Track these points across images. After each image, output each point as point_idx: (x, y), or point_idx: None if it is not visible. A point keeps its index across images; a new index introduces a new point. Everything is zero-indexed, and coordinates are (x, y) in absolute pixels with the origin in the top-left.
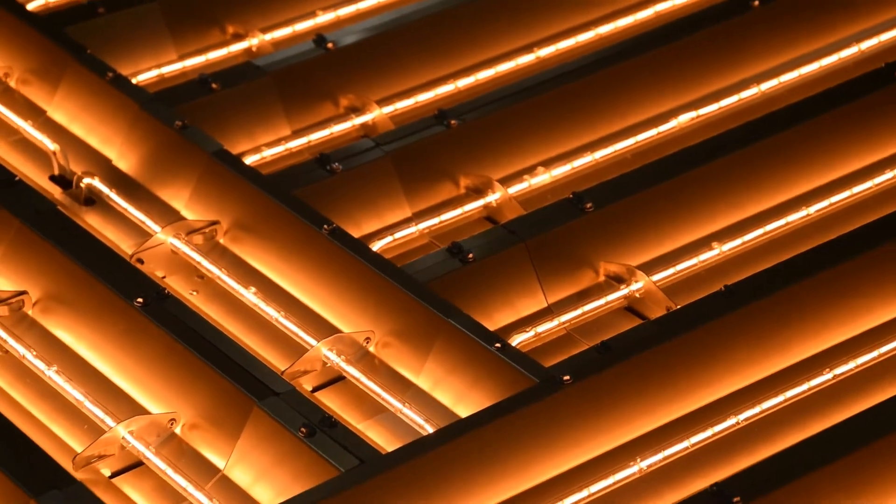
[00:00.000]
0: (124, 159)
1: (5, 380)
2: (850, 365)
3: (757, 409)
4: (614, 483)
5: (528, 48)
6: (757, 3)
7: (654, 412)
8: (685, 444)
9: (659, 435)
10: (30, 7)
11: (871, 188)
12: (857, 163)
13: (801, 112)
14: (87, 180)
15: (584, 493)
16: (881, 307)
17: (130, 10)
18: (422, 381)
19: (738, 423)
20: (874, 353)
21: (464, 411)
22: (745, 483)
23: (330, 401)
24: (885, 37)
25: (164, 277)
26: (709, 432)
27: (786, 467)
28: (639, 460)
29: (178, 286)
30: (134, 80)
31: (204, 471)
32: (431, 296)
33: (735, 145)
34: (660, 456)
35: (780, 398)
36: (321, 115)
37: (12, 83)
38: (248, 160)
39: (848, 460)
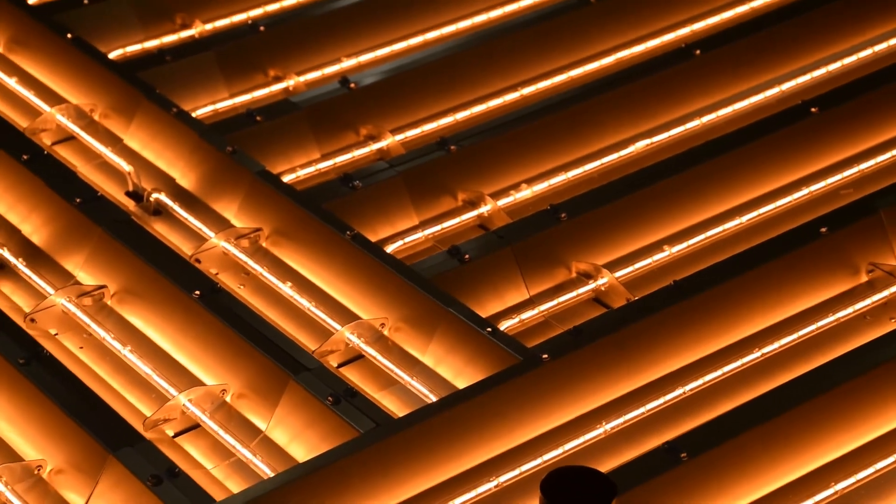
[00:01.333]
0: (185, 178)
1: (89, 357)
2: (775, 345)
3: (700, 382)
4: (584, 442)
5: (513, 87)
6: (698, 52)
7: (617, 384)
8: (642, 409)
9: (621, 403)
10: (111, 56)
11: (791, 202)
12: (780, 181)
13: (735, 140)
14: (155, 195)
15: (559, 450)
16: (799, 299)
17: (191, 58)
18: (427, 359)
19: (684, 392)
20: (794, 336)
21: (461, 384)
22: (691, 441)
23: (352, 375)
24: (801, 79)
25: (216, 274)
26: (661, 400)
27: (724, 428)
28: (604, 423)
29: (228, 281)
30: (193, 114)
31: (249, 432)
32: (435, 289)
33: (681, 166)
34: (621, 420)
35: (719, 372)
36: (345, 141)
37: (96, 117)
38: (286, 178)
39: (774, 422)
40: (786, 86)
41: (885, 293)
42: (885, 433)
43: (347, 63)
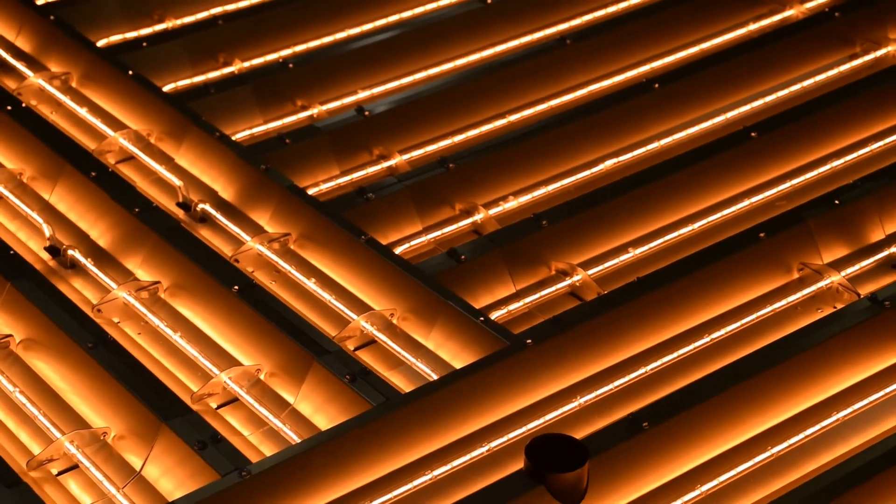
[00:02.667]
0: (226, 191)
1: (146, 342)
2: (722, 332)
3: (659, 363)
4: (561, 414)
5: (501, 115)
6: (657, 85)
7: (590, 365)
8: (610, 386)
9: (592, 381)
10: (165, 88)
11: (734, 211)
12: (725, 193)
13: (688, 159)
14: (201, 206)
15: (541, 420)
16: (742, 293)
17: (231, 90)
18: (429, 344)
19: (646, 371)
20: (737, 324)
21: (458, 364)
22: (652, 413)
23: (366, 357)
24: (743, 109)
25: (252, 272)
26: (626, 378)
27: (680, 402)
28: (579, 398)
29: (262, 278)
30: (233, 138)
31: (279, 405)
32: (436, 285)
33: (643, 181)
34: (592, 395)
35: (675, 355)
36: (360, 160)
37: (152, 140)
38: (310, 191)
39: (722, 396)
40: (730, 114)
41: (813, 288)
42: (814, 405)
43: (362, 94)
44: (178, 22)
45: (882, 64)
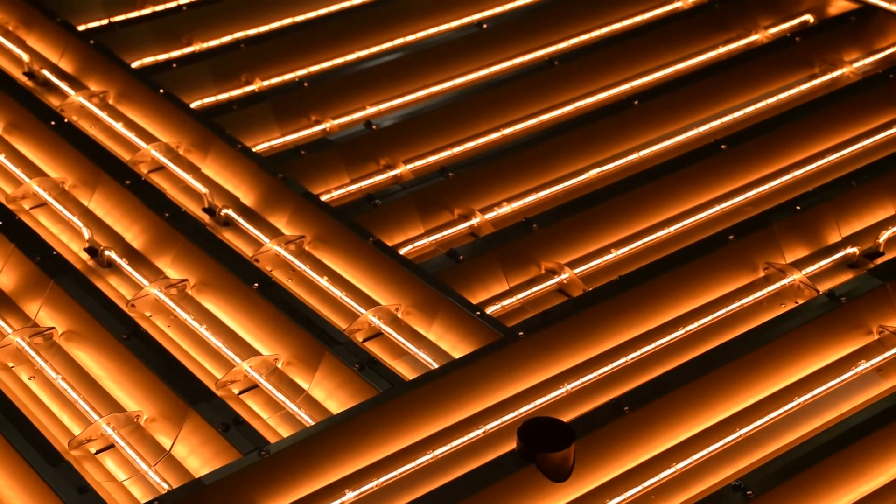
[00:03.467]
0: (247, 198)
1: (174, 333)
2: (695, 325)
3: (638, 353)
4: (550, 400)
5: (496, 129)
6: (637, 102)
7: (576, 355)
8: (594, 374)
9: (578, 370)
10: (192, 105)
11: (706, 216)
12: (698, 200)
13: (665, 169)
14: (224, 211)
15: (532, 405)
16: (713, 289)
17: (252, 106)
18: (430, 336)
19: (626, 360)
20: (709, 318)
21: (457, 354)
22: (632, 398)
23: (373, 347)
24: (714, 123)
25: (271, 271)
26: (609, 367)
27: (657, 388)
28: (566, 384)
29: (280, 276)
30: (254, 149)
31: (295, 391)
32: (437, 282)
33: (625, 188)
34: (578, 382)
35: (653, 345)
36: (368, 170)
37: (181, 152)
38: (323, 198)
39: (695, 383)
40: (702, 128)
41: (777, 285)
42: (777, 391)
43: (370, 110)
44: (205, 45)
45: (837, 84)
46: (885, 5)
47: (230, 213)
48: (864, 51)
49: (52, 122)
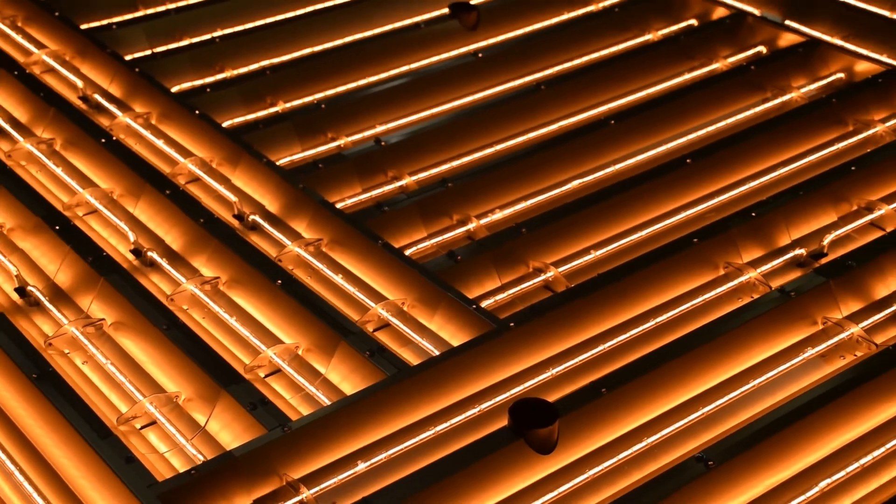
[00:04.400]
0: (271, 205)
1: (208, 324)
2: (664, 317)
3: (615, 341)
4: (537, 382)
5: (490, 145)
6: (613, 122)
7: (560, 343)
8: (576, 360)
9: (562, 356)
10: (224, 124)
11: (674, 221)
12: (667, 207)
13: (638, 180)
14: (252, 217)
15: (521, 387)
16: (679, 286)
17: (276, 126)
18: (432, 326)
19: (604, 348)
20: (676, 311)
21: (455, 343)
22: (609, 381)
23: (382, 336)
24: (680, 140)
25: (292, 269)
26: (589, 354)
27: (631, 372)
28: (551, 369)
29: (300, 274)
30: (277, 163)
31: (313, 375)
32: (438, 280)
33: (603, 197)
34: (561, 368)
35: (628, 335)
36: (378, 181)
37: (214, 165)
38: (338, 205)
39: (665, 367)
40: (670, 144)
41: (735, 282)
42: (736, 374)
43: (380, 129)
44: (234, 72)
45: (787, 107)
46: (828, 39)
47: (257, 218)
48: (809, 78)
49: (103, 140)
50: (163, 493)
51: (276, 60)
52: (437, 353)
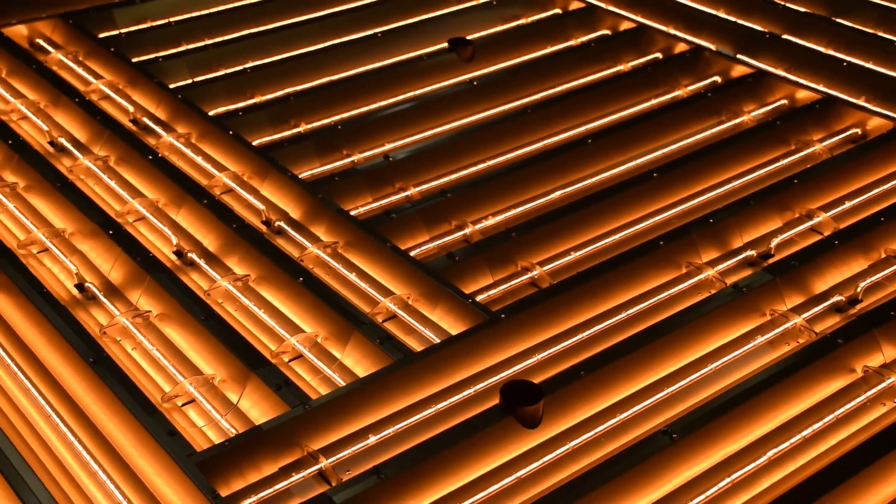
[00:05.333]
0: (294, 213)
1: (240, 315)
2: (634, 309)
3: (592, 330)
4: (525, 367)
5: (483, 160)
6: (590, 140)
7: (545, 332)
8: (557, 347)
9: (546, 344)
10: (254, 143)
11: (643, 226)
12: (637, 214)
13: (612, 191)
14: (277, 223)
15: (510, 370)
16: (646, 283)
17: (299, 144)
18: (433, 318)
19: (582, 337)
20: (644, 304)
21: (454, 332)
22: (586, 365)
23: (390, 326)
24: (648, 157)
25: (312, 268)
26: (570, 341)
27: (606, 357)
28: (537, 355)
29: (319, 273)
30: (300, 176)
31: (330, 360)
32: (439, 277)
33: (582, 206)
34: (545, 353)
35: (603, 325)
36: (386, 192)
37: (245, 178)
38: (352, 213)
39: (637, 353)
40: (639, 161)
41: (695, 279)
42: (697, 358)
43: (388, 146)
44: (263, 98)
45: (739, 128)
46: (773, 70)
47: (282, 224)
48: (757, 104)
49: (150, 157)
50: (200, 461)
51: (298, 88)
52: (437, 340)
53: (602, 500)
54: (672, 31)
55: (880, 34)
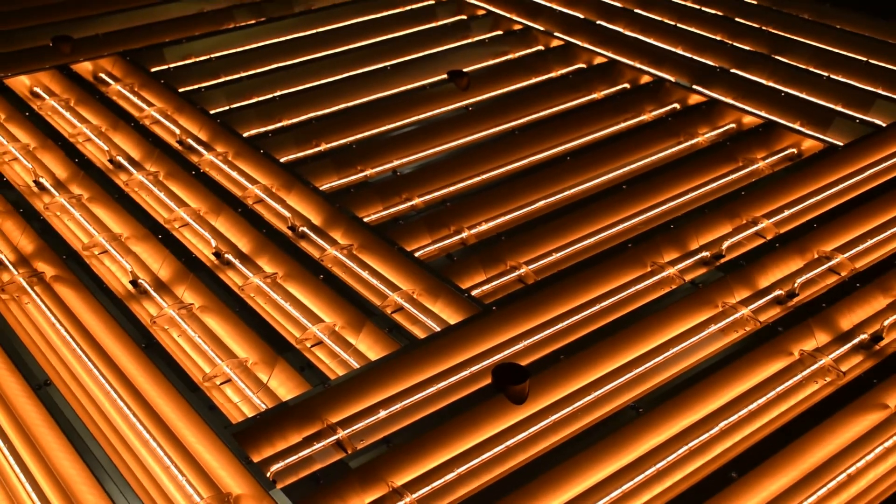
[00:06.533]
0: (316, 220)
1: (269, 307)
2: (607, 302)
3: (571, 320)
4: (512, 351)
5: (477, 174)
6: (569, 158)
7: (530, 322)
8: (541, 335)
9: (531, 332)
10: (282, 160)
11: (615, 231)
12: (608, 221)
13: (587, 201)
14: (302, 228)
15: (500, 355)
16: (617, 279)
17: (319, 161)
18: (435, 309)
19: (564, 325)
20: (615, 298)
21: (452, 321)
22: (566, 350)
23: (398, 317)
24: (618, 172)
25: (331, 267)
26: (552, 329)
27: (583, 342)
28: (523, 341)
29: (337, 271)
30: (320, 188)
31: (346, 345)
32: (439, 275)
33: (564, 213)
34: (530, 340)
35: (579, 316)
36: (394, 202)
37: (274, 190)
38: (365, 220)
39: (606, 341)
40: (611, 175)
41: (658, 276)
42: (661, 343)
43: (396, 163)
44: (289, 122)
45: (695, 148)
46: (723, 99)
47: (305, 229)
48: (710, 127)
49: (193, 172)
50: (236, 432)
51: (319, 112)
52: (438, 329)
53: (580, 466)
54: (638, 66)
55: (811, 69)
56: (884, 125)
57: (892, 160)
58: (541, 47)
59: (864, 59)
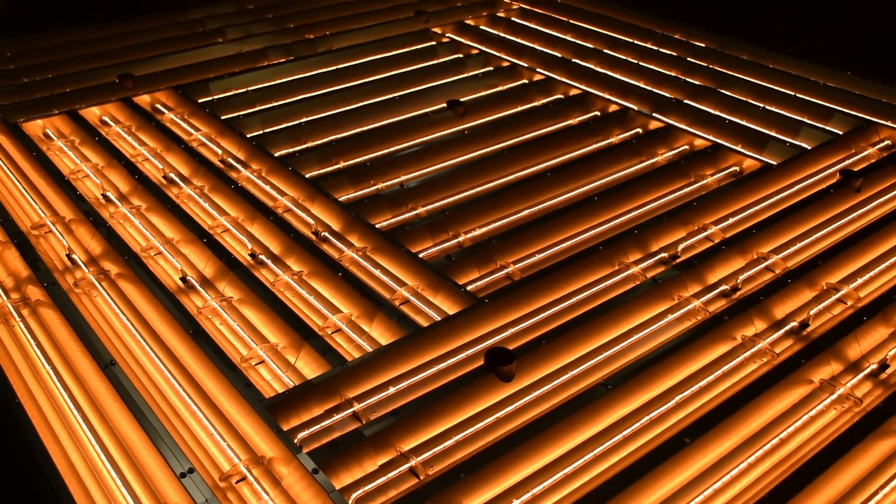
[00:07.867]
0: (335, 226)
1: (296, 300)
2: (582, 295)
3: (552, 311)
4: (502, 337)
5: (472, 187)
6: (549, 174)
7: (517, 313)
8: (526, 324)
9: (517, 321)
10: (307, 175)
11: (589, 235)
12: (583, 226)
13: (565, 210)
14: (323, 233)
15: (491, 340)
16: (591, 276)
17: (338, 177)
18: (436, 302)
19: (544, 315)
20: (587, 293)
21: (451, 312)
22: (547, 336)
23: (405, 309)
24: (590, 185)
25: (348, 266)
26: (536, 318)
27: (561, 329)
28: (511, 329)
29: (353, 269)
30: (339, 199)
31: (361, 332)
32: (440, 273)
33: (544, 220)
34: (516, 328)
35: (559, 307)
36: (402, 211)
37: (300, 201)
38: (377, 226)
39: (580, 329)
40: (585, 188)
41: (624, 274)
42: (627, 331)
43: (403, 178)
44: (313, 143)
45: (655, 165)
46: (678, 124)
47: (326, 234)
48: (667, 148)
49: (233, 186)
50: (268, 405)
51: (338, 136)
52: (439, 318)
53: (559, 433)
54: (607, 96)
55: (750, 101)
56: (809, 147)
57: (817, 176)
58: (525, 81)
59: (793, 93)
